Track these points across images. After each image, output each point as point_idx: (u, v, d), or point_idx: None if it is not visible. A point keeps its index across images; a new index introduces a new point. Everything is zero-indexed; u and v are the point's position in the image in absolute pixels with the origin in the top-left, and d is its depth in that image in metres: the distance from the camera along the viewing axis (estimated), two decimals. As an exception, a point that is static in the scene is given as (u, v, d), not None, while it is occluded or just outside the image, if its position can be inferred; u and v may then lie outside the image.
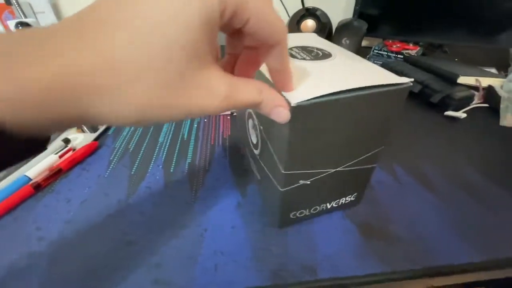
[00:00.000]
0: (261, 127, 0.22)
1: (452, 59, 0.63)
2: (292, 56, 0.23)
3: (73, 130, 0.40)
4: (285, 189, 0.22)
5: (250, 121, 0.27)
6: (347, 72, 0.20)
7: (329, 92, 0.17)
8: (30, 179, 0.30)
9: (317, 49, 0.25)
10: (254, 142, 0.26)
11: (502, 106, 0.43)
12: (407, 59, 0.57)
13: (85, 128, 0.41)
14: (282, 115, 0.16)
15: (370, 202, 0.29)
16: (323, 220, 0.27)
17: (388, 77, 0.19)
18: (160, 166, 0.34)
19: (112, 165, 0.34)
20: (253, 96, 0.15)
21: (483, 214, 0.28)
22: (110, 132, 0.41)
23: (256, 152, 0.26)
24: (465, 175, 0.33)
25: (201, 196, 0.30)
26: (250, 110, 0.25)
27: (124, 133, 0.40)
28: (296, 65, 0.21)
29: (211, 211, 0.28)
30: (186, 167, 0.34)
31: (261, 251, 0.24)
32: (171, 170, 0.33)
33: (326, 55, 0.23)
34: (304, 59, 0.22)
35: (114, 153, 0.36)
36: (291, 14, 0.68)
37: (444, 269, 0.23)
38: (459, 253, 0.24)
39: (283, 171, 0.20)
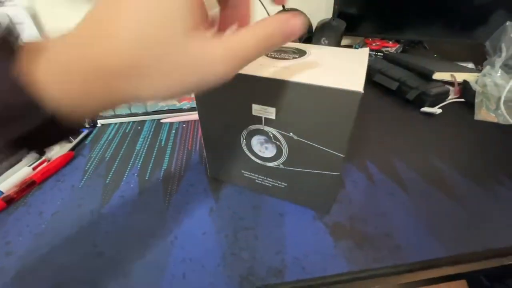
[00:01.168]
0: (290, 134, 0.23)
1: (431, 55, 0.64)
2: (274, 57, 0.24)
3: (50, 141, 0.40)
4: (340, 171, 0.24)
5: (256, 139, 0.26)
6: (343, 61, 0.23)
7: (364, 78, 0.20)
8: (1, 193, 0.30)
9: (290, 48, 0.26)
10: (269, 156, 0.26)
11: (477, 100, 0.44)
12: (386, 57, 0.57)
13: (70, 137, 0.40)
14: (297, 24, 0.15)
15: (343, 202, 0.29)
16: (294, 221, 0.27)
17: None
18: (136, 174, 0.34)
19: (87, 175, 0.34)
20: (258, 34, 0.14)
21: (453, 209, 0.28)
22: (87, 141, 0.41)
23: (275, 163, 0.26)
24: (438, 171, 0.33)
25: (174, 203, 0.30)
26: (260, 126, 0.24)
27: (101, 142, 0.40)
28: (296, 63, 0.23)
29: (183, 218, 0.28)
30: (162, 174, 0.34)
31: (230, 256, 0.24)
32: (147, 178, 0.33)
33: (302, 52, 0.25)
34: (286, 59, 0.24)
35: (90, 162, 0.36)
36: (272, 14, 0.68)
37: (411, 267, 0.23)
38: (427, 249, 0.24)
39: (343, 156, 0.22)
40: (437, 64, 0.50)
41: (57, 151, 0.37)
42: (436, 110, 0.43)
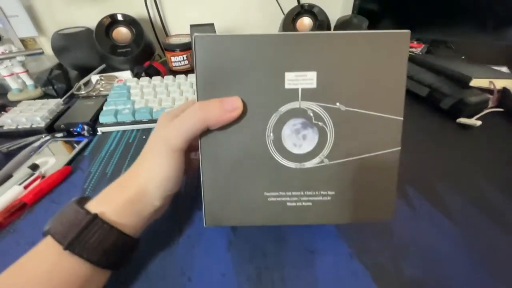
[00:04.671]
0: (337, 104, 0.20)
1: (458, 57, 0.59)
2: None
3: (44, 152, 0.36)
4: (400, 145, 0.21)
5: (290, 125, 0.20)
6: None
7: None
8: (-13, 219, 0.26)
9: None
10: (308, 149, 0.21)
11: (519, 110, 0.39)
12: (413, 59, 0.52)
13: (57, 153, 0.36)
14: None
15: (383, 235, 0.25)
16: (327, 261, 0.23)
17: None
18: (141, 195, 0.30)
19: (86, 195, 0.30)
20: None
21: (510, 243, 0.24)
22: (86, 152, 0.36)
23: (317, 160, 0.21)
24: (484, 194, 0.29)
25: (187, 233, 0.26)
26: (295, 104, 0.20)
27: (102, 154, 0.36)
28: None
29: (197, 253, 0.24)
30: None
31: (255, 306, 0.20)
32: (153, 200, 0.29)
33: None
34: None
35: (90, 179, 0.32)
36: (286, 11, 0.63)
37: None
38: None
39: (402, 118, 0.20)
40: (471, 69, 0.45)
41: (52, 165, 0.33)
42: (476, 122, 0.38)
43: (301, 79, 0.19)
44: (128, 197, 0.20)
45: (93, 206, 0.19)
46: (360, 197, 0.22)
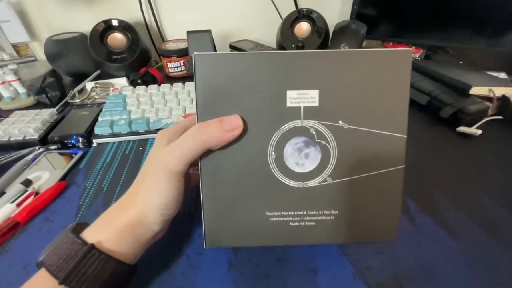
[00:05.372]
0: (340, 122, 0.20)
1: (456, 62, 0.59)
2: None
3: (38, 165, 0.35)
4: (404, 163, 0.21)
5: (293, 144, 0.20)
6: None
7: None
8: (-22, 240, 0.25)
9: None
10: (311, 167, 0.20)
11: (519, 119, 0.39)
12: (413, 66, 0.52)
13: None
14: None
15: (384, 253, 0.25)
16: (329, 281, 0.23)
17: None
18: (138, 211, 0.29)
19: (81, 212, 0.29)
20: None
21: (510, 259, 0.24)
22: (81, 165, 0.36)
23: (320, 179, 0.21)
24: (488, 210, 0.28)
25: (186, 253, 0.25)
26: (298, 123, 0.20)
27: (98, 167, 0.35)
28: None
29: (198, 274, 0.23)
30: (169, 211, 0.29)
31: (258, 332, 0.20)
32: (151, 216, 0.28)
33: None
34: None
35: (85, 195, 0.31)
36: (284, 16, 0.62)
37: None
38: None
39: (405, 136, 0.20)
40: (472, 77, 0.45)
41: (46, 180, 0.32)
42: (476, 131, 0.38)
43: (303, 98, 0.19)
44: (126, 223, 0.19)
45: (89, 234, 0.19)
46: (363, 217, 0.21)
